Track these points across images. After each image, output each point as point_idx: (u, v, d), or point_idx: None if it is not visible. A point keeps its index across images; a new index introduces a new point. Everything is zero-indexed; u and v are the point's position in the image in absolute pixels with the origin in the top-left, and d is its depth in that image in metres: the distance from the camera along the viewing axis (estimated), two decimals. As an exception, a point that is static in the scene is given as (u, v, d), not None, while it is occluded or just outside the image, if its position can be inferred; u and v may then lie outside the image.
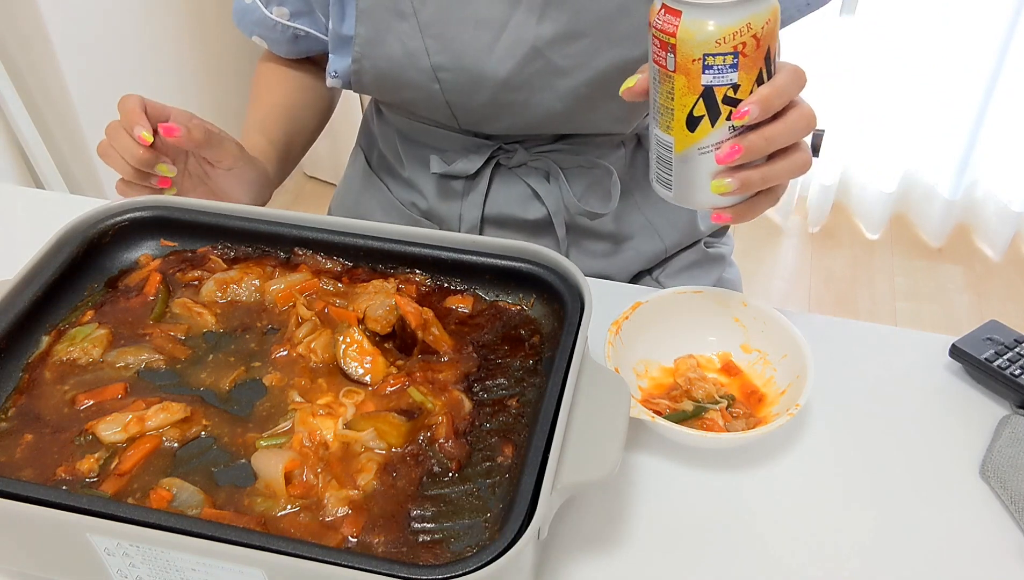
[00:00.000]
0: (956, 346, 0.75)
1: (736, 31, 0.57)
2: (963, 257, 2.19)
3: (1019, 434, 0.69)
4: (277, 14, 0.92)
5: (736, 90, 0.60)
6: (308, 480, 0.56)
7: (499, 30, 0.81)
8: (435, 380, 0.63)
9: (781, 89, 0.61)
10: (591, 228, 0.94)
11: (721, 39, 0.57)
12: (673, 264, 1.01)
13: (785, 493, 0.67)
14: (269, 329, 0.67)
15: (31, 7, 1.55)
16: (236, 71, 2.12)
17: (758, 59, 0.59)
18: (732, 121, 0.61)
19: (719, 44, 0.58)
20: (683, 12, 0.58)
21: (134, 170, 0.78)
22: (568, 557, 0.62)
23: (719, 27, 0.57)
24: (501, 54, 0.81)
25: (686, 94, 0.60)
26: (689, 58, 0.58)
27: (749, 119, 0.60)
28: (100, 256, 0.72)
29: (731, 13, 0.57)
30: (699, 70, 0.59)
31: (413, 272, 0.71)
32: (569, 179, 0.92)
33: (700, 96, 0.60)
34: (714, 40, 0.57)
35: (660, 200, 0.97)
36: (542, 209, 0.93)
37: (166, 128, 0.76)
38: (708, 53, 0.58)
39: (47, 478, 0.57)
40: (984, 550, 0.63)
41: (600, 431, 0.58)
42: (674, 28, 0.58)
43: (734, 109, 0.60)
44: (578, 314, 0.63)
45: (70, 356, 0.64)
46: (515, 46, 0.81)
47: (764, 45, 0.59)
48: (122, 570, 0.53)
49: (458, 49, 0.82)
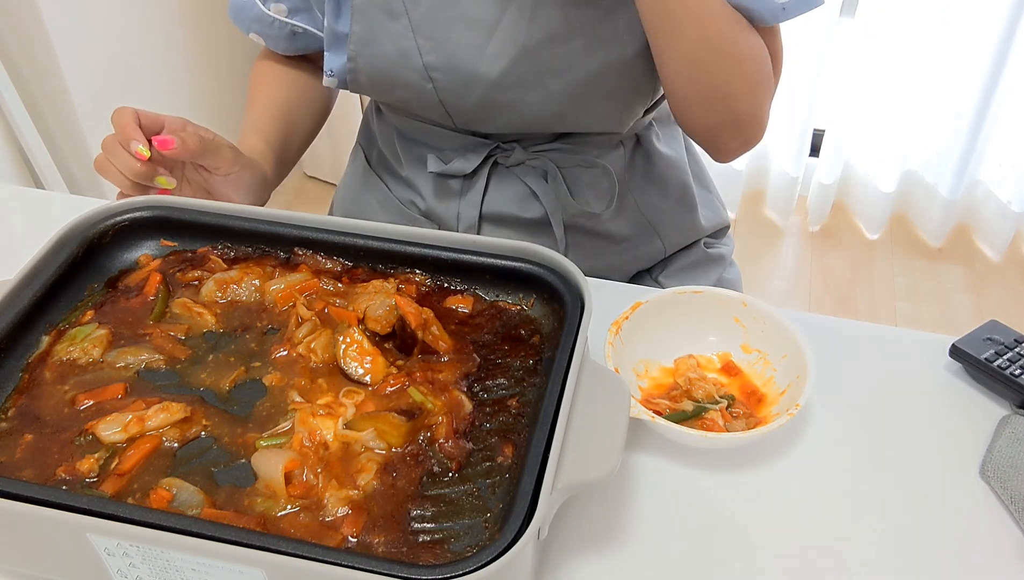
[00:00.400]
0: (956, 346, 0.75)
1: None
2: (963, 257, 2.19)
3: (1019, 434, 0.69)
4: (275, 10, 0.92)
5: None
6: (308, 480, 0.56)
7: (490, 30, 0.81)
8: (435, 380, 0.62)
9: None
10: (589, 228, 0.94)
11: None
12: (673, 264, 1.01)
13: (785, 493, 0.67)
14: (269, 329, 0.67)
15: (31, 7, 1.55)
16: (235, 70, 2.12)
17: None
18: None
19: None
20: None
21: (133, 184, 0.78)
22: (568, 557, 0.62)
23: None
24: (492, 54, 0.81)
25: None
26: None
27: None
28: (100, 256, 0.72)
29: None
30: None
31: (413, 272, 0.71)
32: (567, 179, 0.92)
33: None
34: None
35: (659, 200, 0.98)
36: (540, 208, 0.93)
37: (161, 141, 0.77)
38: None
39: (47, 478, 0.57)
40: (984, 550, 0.63)
41: (600, 431, 0.58)
42: None
43: None
44: (578, 314, 0.63)
45: (70, 356, 0.64)
46: (506, 46, 0.81)
47: None
48: (122, 570, 0.53)
49: (449, 49, 0.82)
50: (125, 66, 1.80)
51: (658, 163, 0.97)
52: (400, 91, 0.86)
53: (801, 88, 2.03)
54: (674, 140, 1.01)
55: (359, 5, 0.82)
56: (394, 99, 0.90)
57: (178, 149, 0.77)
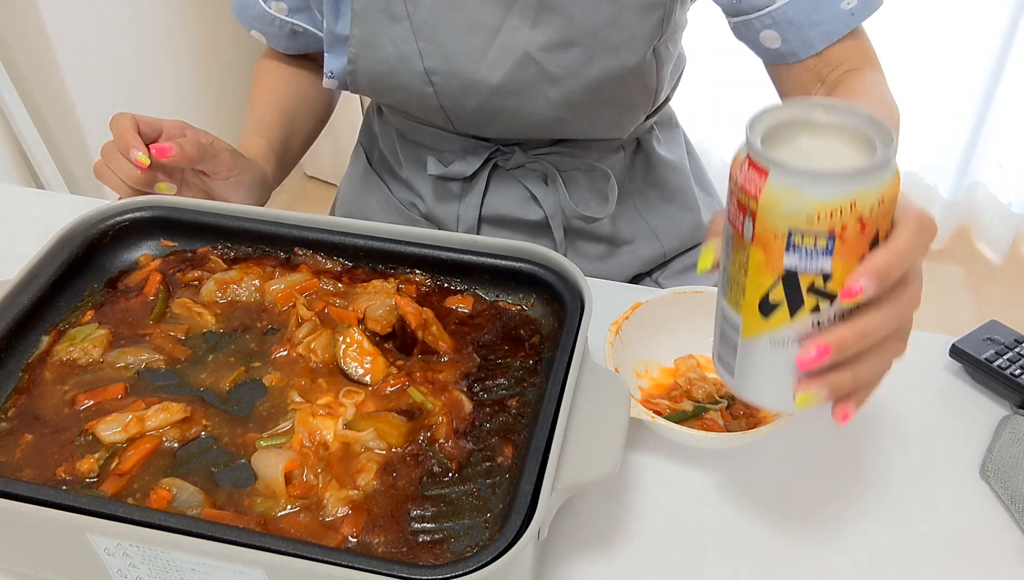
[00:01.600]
0: (956, 346, 0.75)
1: (836, 209, 0.43)
2: (963, 258, 2.19)
3: (1019, 434, 0.69)
4: (275, 9, 0.92)
5: (827, 280, 0.46)
6: (308, 480, 0.56)
7: (491, 35, 0.81)
8: (435, 380, 0.62)
9: (902, 256, 0.46)
10: (589, 231, 0.94)
11: (815, 216, 0.44)
12: (673, 266, 1.01)
13: (785, 493, 0.67)
14: (269, 329, 0.67)
15: (31, 7, 1.55)
16: (236, 70, 2.12)
17: (861, 246, 0.45)
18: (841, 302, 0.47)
19: (811, 221, 0.44)
20: (770, 173, 0.44)
21: (133, 190, 0.78)
22: (568, 557, 0.62)
23: (814, 201, 0.43)
24: (493, 59, 0.81)
25: (762, 272, 0.47)
26: (771, 231, 0.45)
27: (862, 298, 0.46)
28: (100, 256, 0.72)
29: (833, 185, 0.43)
30: (782, 248, 0.45)
31: (413, 272, 0.71)
32: (567, 182, 0.92)
33: (780, 279, 0.46)
34: (805, 215, 0.44)
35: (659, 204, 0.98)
36: (539, 211, 0.93)
37: (159, 149, 0.77)
38: (796, 230, 0.44)
39: (47, 478, 0.57)
40: (984, 550, 0.63)
41: (600, 431, 0.58)
42: (757, 190, 0.45)
43: (822, 299, 0.47)
44: (578, 314, 0.63)
45: (70, 356, 0.64)
46: (507, 52, 0.81)
47: (872, 229, 0.45)
48: (122, 570, 0.53)
49: (450, 53, 0.82)
50: (125, 66, 1.80)
51: (658, 167, 0.97)
52: (400, 94, 0.86)
53: (801, 89, 2.03)
54: (675, 144, 1.01)
55: (359, 7, 0.82)
56: (394, 101, 0.90)
57: (176, 156, 0.77)
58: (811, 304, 0.47)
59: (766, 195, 0.44)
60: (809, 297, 0.47)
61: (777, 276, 0.47)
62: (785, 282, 0.47)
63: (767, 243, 0.46)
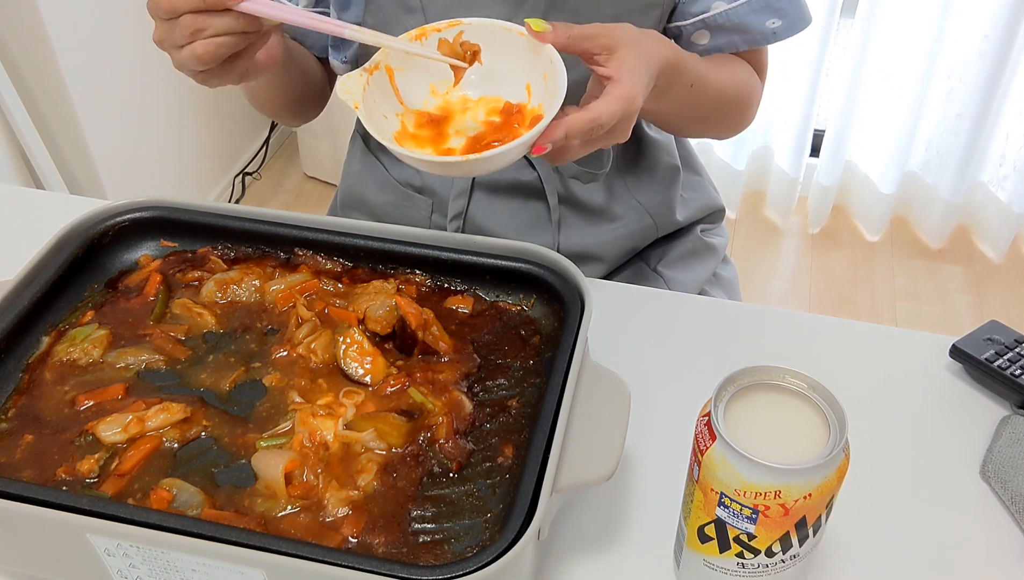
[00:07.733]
0: (956, 346, 0.75)
1: (760, 492, 0.50)
2: (963, 258, 2.19)
3: (1019, 434, 0.69)
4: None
5: (751, 539, 0.52)
6: (308, 480, 0.56)
7: None
8: (435, 380, 0.62)
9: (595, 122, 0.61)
10: (582, 200, 0.95)
11: (742, 491, 0.50)
12: (671, 253, 1.02)
13: (785, 493, 0.67)
14: (269, 329, 0.67)
15: (31, 7, 1.55)
16: (236, 71, 2.12)
17: (784, 524, 0.51)
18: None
19: (738, 494, 0.50)
20: (717, 440, 0.51)
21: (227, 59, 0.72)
22: (568, 557, 0.62)
23: (743, 479, 0.50)
24: None
25: (701, 510, 0.54)
26: (709, 485, 0.52)
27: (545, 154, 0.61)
28: (100, 256, 0.72)
29: (762, 473, 0.49)
30: (715, 502, 0.52)
31: (413, 272, 0.71)
32: None
33: (712, 522, 0.53)
34: (734, 488, 0.50)
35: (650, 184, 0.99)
36: (533, 173, 0.94)
37: None
38: (726, 494, 0.51)
39: (47, 479, 0.57)
40: (984, 550, 0.63)
41: (600, 431, 0.58)
42: (704, 448, 0.51)
43: (747, 550, 0.53)
44: (578, 314, 0.63)
45: (70, 356, 0.64)
46: None
47: (797, 513, 0.51)
48: (122, 570, 0.53)
49: None
50: (125, 67, 1.80)
51: (647, 147, 0.98)
52: None
53: (801, 88, 2.03)
54: None
55: None
56: None
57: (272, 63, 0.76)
58: (736, 550, 0.54)
59: (708, 457, 0.51)
60: (735, 544, 0.53)
61: (710, 519, 0.53)
62: (717, 526, 0.53)
63: (705, 490, 0.53)
